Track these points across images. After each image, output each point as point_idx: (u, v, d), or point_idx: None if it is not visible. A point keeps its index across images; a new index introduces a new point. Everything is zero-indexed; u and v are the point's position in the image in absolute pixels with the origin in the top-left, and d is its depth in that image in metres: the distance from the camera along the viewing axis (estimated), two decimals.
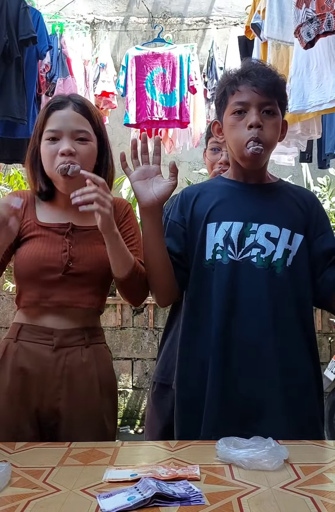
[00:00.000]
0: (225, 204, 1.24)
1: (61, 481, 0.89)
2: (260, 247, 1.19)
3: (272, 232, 1.20)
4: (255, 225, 1.20)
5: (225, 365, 1.16)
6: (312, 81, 1.94)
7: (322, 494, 0.82)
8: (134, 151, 1.17)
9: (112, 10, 4.32)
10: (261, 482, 0.87)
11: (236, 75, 1.20)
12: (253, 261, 1.19)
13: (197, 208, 1.26)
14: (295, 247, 1.21)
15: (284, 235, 1.20)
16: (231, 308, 1.18)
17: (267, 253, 1.19)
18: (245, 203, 1.23)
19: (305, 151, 2.97)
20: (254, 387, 1.15)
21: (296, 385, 1.16)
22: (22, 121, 2.69)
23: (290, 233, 1.21)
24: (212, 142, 1.66)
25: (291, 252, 1.21)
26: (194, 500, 0.80)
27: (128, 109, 3.37)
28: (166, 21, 4.24)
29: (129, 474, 0.89)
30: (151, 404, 1.61)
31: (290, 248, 1.20)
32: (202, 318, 1.21)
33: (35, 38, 2.68)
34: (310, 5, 1.75)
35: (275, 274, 1.18)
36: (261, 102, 1.17)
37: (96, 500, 0.81)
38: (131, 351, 3.94)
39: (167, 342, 1.60)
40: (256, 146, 1.15)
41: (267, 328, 1.16)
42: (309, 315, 1.24)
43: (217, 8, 4.24)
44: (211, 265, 1.21)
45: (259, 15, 2.23)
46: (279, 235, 1.20)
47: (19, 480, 0.90)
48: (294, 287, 1.19)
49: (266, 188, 1.27)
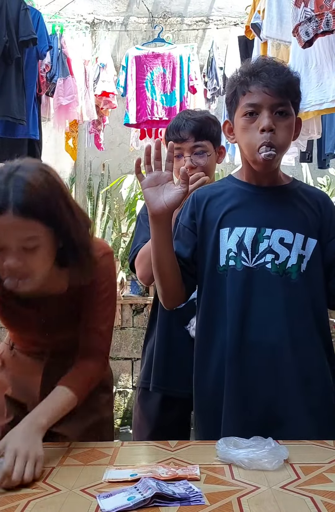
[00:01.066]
0: (238, 209, 1.22)
1: (61, 481, 0.89)
2: (274, 253, 1.17)
3: (286, 237, 1.18)
4: (269, 230, 1.18)
5: (242, 374, 1.15)
6: (311, 80, 1.94)
7: (322, 494, 0.82)
8: (148, 157, 1.11)
9: (112, 10, 4.32)
10: (261, 482, 0.87)
11: (247, 74, 1.16)
12: (268, 267, 1.17)
13: (208, 213, 1.23)
14: (309, 251, 1.19)
15: (298, 240, 1.18)
16: (246, 316, 1.16)
17: (281, 259, 1.17)
18: (258, 208, 1.21)
19: (305, 151, 2.97)
20: (274, 395, 1.13)
21: (316, 391, 1.15)
22: (22, 121, 2.70)
23: (304, 237, 1.19)
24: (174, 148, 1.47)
25: (305, 257, 1.19)
26: (194, 500, 0.80)
27: (128, 109, 3.37)
28: (166, 21, 4.24)
29: (129, 474, 0.90)
30: (138, 408, 1.59)
31: (303, 253, 1.18)
32: (217, 326, 1.19)
33: (35, 39, 2.68)
34: (308, 4, 1.74)
35: (290, 280, 1.16)
36: (273, 104, 1.13)
37: (96, 500, 0.81)
38: (131, 351, 3.94)
39: (149, 346, 1.58)
40: (269, 152, 1.12)
41: (284, 336, 1.14)
42: (325, 320, 1.22)
43: (217, 8, 4.23)
44: (225, 271, 1.19)
45: (259, 15, 2.23)
46: (293, 240, 1.18)
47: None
48: (309, 292, 1.18)
49: (279, 190, 1.24)
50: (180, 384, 1.39)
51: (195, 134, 1.50)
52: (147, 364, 1.56)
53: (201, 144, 1.51)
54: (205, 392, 1.21)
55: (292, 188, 1.26)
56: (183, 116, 1.54)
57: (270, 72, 1.14)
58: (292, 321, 1.15)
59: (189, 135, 1.50)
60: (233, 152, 3.36)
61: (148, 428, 1.52)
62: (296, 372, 1.14)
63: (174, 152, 1.14)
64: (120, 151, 4.29)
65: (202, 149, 1.51)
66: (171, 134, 1.53)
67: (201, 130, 1.50)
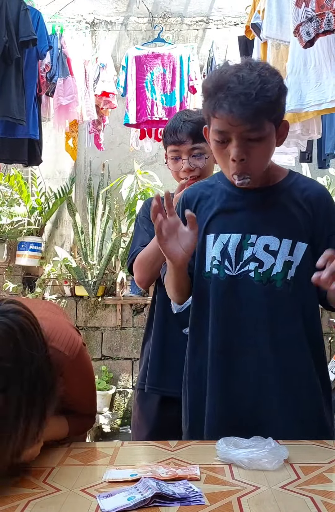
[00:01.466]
0: (224, 213, 1.18)
1: (61, 481, 0.89)
2: (258, 261, 1.14)
3: (271, 244, 1.14)
4: (254, 236, 1.15)
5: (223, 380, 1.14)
6: (310, 80, 1.93)
7: (322, 494, 0.82)
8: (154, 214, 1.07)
9: (112, 10, 4.32)
10: (261, 482, 0.87)
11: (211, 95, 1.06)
12: (251, 276, 1.14)
13: (197, 216, 1.19)
14: (298, 257, 1.15)
15: (284, 246, 1.14)
16: (228, 325, 1.15)
17: (266, 267, 1.14)
18: (244, 213, 1.17)
19: (305, 151, 2.97)
20: (258, 400, 1.12)
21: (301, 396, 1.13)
22: (21, 121, 2.70)
23: (291, 242, 1.14)
24: (171, 151, 1.54)
25: (293, 263, 1.14)
26: (194, 500, 0.80)
27: (128, 109, 3.37)
28: (166, 21, 4.24)
29: (129, 474, 0.89)
30: (137, 409, 1.60)
31: (291, 259, 1.14)
32: (202, 331, 1.19)
33: (35, 40, 2.68)
34: (309, 4, 1.74)
35: (274, 288, 1.13)
36: (242, 132, 1.04)
37: (96, 500, 0.81)
38: (131, 351, 3.94)
39: (146, 348, 1.58)
40: (242, 180, 1.10)
41: (267, 348, 1.13)
42: (316, 326, 1.19)
43: (217, 8, 4.24)
44: (209, 278, 1.18)
45: (259, 15, 2.23)
46: (278, 247, 1.14)
47: (19, 480, 0.90)
48: (298, 299, 1.14)
49: (269, 192, 1.18)
50: (175, 385, 1.36)
51: (193, 136, 1.49)
52: (144, 366, 1.57)
53: (199, 146, 1.50)
54: (190, 394, 1.22)
55: (285, 185, 1.19)
56: (180, 118, 1.54)
57: (235, 96, 1.01)
58: (276, 328, 1.13)
59: (186, 137, 1.50)
60: None
61: (146, 428, 1.52)
62: (279, 377, 1.12)
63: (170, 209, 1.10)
64: (120, 151, 4.29)
65: (200, 151, 1.51)
66: (169, 136, 1.53)
67: (198, 132, 1.44)
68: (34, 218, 4.02)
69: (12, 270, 3.99)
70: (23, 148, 2.92)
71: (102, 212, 4.14)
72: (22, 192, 3.89)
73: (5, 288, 3.85)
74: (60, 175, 4.27)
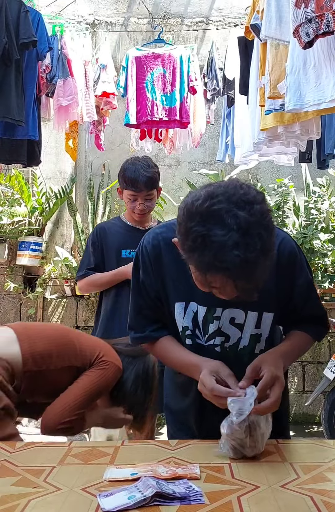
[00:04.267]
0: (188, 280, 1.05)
1: (61, 480, 0.90)
2: (224, 335, 1.11)
3: (236, 317, 1.10)
4: (219, 310, 1.10)
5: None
6: (310, 80, 1.93)
7: (321, 493, 0.82)
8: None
9: (113, 11, 4.32)
10: (261, 481, 0.87)
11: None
12: (217, 350, 1.12)
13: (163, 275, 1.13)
14: (266, 328, 1.12)
15: (250, 319, 1.10)
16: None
17: (232, 341, 1.11)
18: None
19: (304, 151, 2.97)
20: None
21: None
22: (21, 122, 2.70)
23: (257, 315, 1.10)
24: (130, 194, 2.09)
25: (261, 335, 1.12)
26: (194, 499, 0.81)
27: (129, 109, 3.37)
28: (166, 22, 4.24)
29: (129, 473, 0.90)
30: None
31: (259, 331, 1.11)
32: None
33: (35, 41, 2.68)
34: (309, 5, 1.74)
35: (242, 362, 1.08)
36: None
37: (97, 499, 0.81)
38: None
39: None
40: None
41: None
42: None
43: (216, 9, 4.24)
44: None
45: (258, 15, 2.23)
46: (244, 319, 1.10)
47: (19, 479, 0.91)
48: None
49: None
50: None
51: (148, 187, 2.08)
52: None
53: (151, 193, 2.11)
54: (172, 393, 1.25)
55: None
56: (139, 171, 2.06)
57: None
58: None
59: (143, 187, 2.07)
60: (232, 152, 3.36)
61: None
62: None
63: None
64: (121, 151, 4.30)
65: (151, 196, 2.12)
66: (129, 184, 2.06)
67: (152, 184, 2.08)
68: (34, 218, 4.03)
69: (13, 270, 3.99)
70: (23, 149, 2.92)
71: (103, 212, 4.14)
72: (23, 192, 3.90)
73: (6, 288, 3.86)
74: (60, 175, 4.28)
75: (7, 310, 3.99)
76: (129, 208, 2.13)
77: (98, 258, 2.15)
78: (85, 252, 2.23)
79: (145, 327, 1.21)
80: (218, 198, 0.88)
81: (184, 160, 4.35)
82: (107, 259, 2.15)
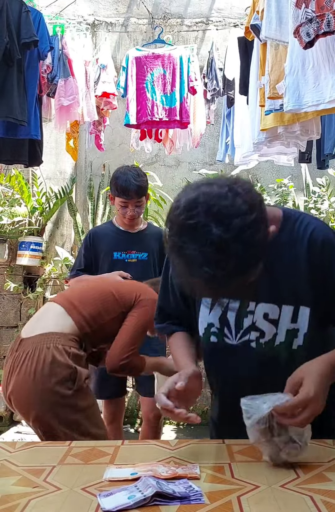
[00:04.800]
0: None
1: (61, 480, 0.90)
2: (259, 330, 1.06)
3: (270, 312, 1.05)
4: (252, 304, 1.06)
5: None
6: (308, 81, 1.93)
7: (321, 493, 0.82)
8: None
9: (113, 11, 4.32)
10: (261, 481, 0.87)
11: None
12: (253, 346, 1.07)
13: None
14: (303, 323, 1.04)
15: (285, 314, 1.04)
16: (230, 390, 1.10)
17: (268, 337, 1.05)
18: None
19: (304, 151, 2.97)
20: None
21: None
22: (23, 122, 2.70)
23: (293, 309, 1.04)
24: (121, 201, 2.27)
25: (298, 330, 1.04)
26: (194, 499, 0.81)
27: (129, 109, 3.37)
28: (166, 22, 4.24)
29: (129, 473, 0.90)
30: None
31: (296, 326, 1.04)
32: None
33: (36, 41, 2.69)
34: (309, 5, 1.75)
35: (278, 359, 1.05)
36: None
37: (97, 499, 0.81)
38: None
39: None
40: None
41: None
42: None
43: (216, 9, 4.24)
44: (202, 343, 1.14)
45: (258, 15, 2.23)
46: (279, 314, 1.05)
47: (20, 479, 0.91)
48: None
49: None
50: None
51: (138, 195, 2.26)
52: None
53: (141, 200, 2.29)
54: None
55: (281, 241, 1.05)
56: (130, 180, 2.22)
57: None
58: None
59: (134, 195, 2.25)
60: (232, 153, 3.36)
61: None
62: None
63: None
64: (121, 151, 4.30)
65: (141, 203, 2.30)
66: (120, 192, 2.23)
67: (141, 192, 2.27)
68: (35, 218, 4.03)
69: (13, 270, 3.99)
70: (24, 149, 2.92)
71: (103, 212, 4.14)
72: (23, 192, 3.90)
73: (6, 287, 3.86)
74: (61, 176, 4.28)
75: (7, 310, 3.99)
76: (121, 213, 2.31)
77: (88, 260, 2.35)
78: (78, 254, 2.45)
79: (165, 319, 1.26)
80: (197, 209, 0.86)
81: (183, 160, 4.35)
82: (101, 261, 2.34)
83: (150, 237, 2.37)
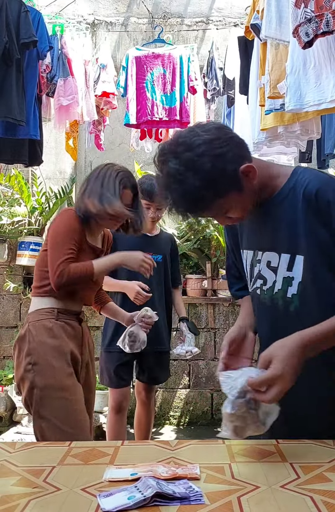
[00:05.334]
0: (243, 230, 1.23)
1: (61, 480, 0.90)
2: (263, 278, 1.14)
3: (272, 260, 1.12)
4: (260, 253, 1.15)
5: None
6: (310, 80, 1.94)
7: (322, 494, 0.82)
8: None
9: (113, 11, 4.32)
10: (261, 481, 0.87)
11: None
12: (258, 293, 1.16)
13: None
14: (299, 271, 1.07)
15: (283, 262, 1.09)
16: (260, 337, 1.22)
17: (269, 284, 1.13)
18: (255, 229, 1.17)
19: (304, 151, 2.98)
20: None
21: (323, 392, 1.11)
22: (22, 122, 2.70)
23: (290, 257, 1.08)
24: (145, 203, 2.41)
25: (293, 279, 1.08)
26: (194, 499, 0.80)
27: (129, 109, 3.37)
28: (166, 22, 4.24)
29: (129, 473, 0.90)
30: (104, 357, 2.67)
31: (291, 274, 1.08)
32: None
33: (36, 41, 2.69)
34: (308, 5, 1.74)
35: (277, 306, 1.11)
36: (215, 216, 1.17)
37: (97, 499, 0.81)
38: None
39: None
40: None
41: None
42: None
43: (216, 9, 4.24)
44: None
45: (258, 15, 2.23)
46: (278, 262, 1.10)
47: (19, 479, 0.91)
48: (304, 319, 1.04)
49: (272, 203, 1.11)
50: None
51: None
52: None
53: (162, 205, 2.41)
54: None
55: (285, 193, 1.10)
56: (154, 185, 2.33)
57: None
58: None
59: (157, 199, 2.43)
60: None
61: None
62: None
63: None
64: (121, 151, 4.30)
65: (161, 207, 2.51)
66: (145, 195, 2.42)
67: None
68: (34, 218, 4.03)
69: (13, 270, 3.99)
70: (24, 149, 2.92)
71: None
72: (23, 192, 3.90)
73: (5, 287, 3.86)
74: (60, 175, 4.28)
75: (7, 310, 3.99)
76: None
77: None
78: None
79: (232, 286, 1.38)
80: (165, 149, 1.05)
81: None
82: None
83: (163, 241, 2.70)
